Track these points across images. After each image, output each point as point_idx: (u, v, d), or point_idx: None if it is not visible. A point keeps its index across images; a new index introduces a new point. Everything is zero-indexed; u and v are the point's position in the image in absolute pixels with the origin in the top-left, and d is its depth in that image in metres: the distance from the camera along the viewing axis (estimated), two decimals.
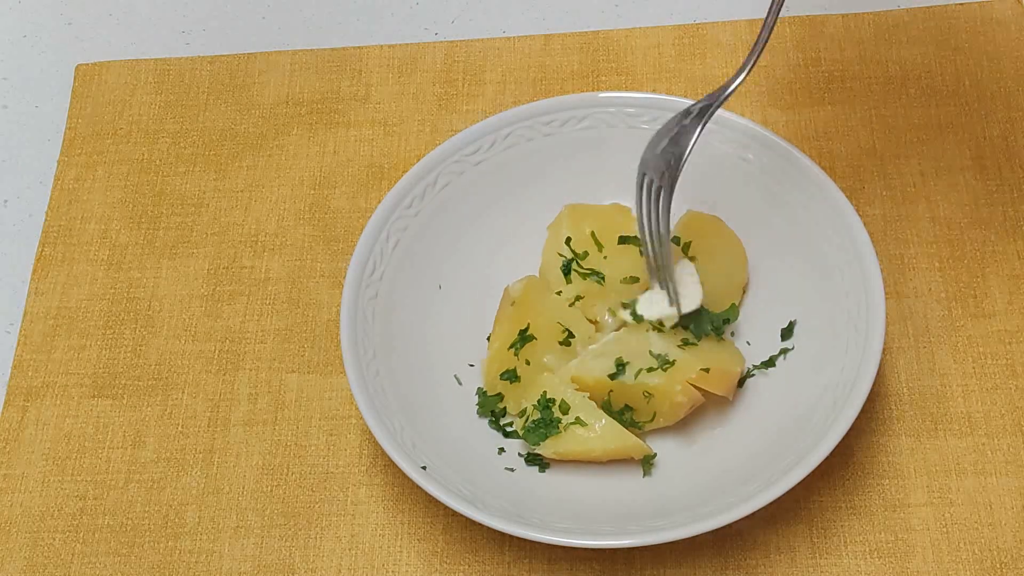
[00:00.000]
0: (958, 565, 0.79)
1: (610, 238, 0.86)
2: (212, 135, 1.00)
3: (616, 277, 0.85)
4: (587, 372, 0.81)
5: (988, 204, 0.91)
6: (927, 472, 0.82)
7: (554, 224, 0.88)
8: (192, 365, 0.90)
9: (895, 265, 0.89)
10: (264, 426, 0.87)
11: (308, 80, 1.02)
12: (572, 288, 0.85)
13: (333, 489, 0.84)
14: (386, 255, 0.86)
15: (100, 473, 0.86)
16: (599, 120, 0.90)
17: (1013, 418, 0.83)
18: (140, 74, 1.03)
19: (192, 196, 0.97)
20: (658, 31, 1.01)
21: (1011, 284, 0.88)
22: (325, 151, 0.98)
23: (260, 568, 0.82)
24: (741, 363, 0.83)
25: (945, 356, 0.85)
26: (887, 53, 0.98)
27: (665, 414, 0.81)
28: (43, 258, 0.95)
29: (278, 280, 0.93)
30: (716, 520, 0.74)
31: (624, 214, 0.87)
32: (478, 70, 1.01)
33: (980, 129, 0.94)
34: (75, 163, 0.99)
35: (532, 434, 0.80)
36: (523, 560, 0.81)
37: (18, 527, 0.84)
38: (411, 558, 0.81)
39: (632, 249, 0.86)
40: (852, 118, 0.95)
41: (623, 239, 0.86)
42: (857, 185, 0.92)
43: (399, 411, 0.81)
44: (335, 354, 0.89)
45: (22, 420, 0.88)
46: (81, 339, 0.91)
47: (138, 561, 0.83)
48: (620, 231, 0.86)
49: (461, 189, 0.89)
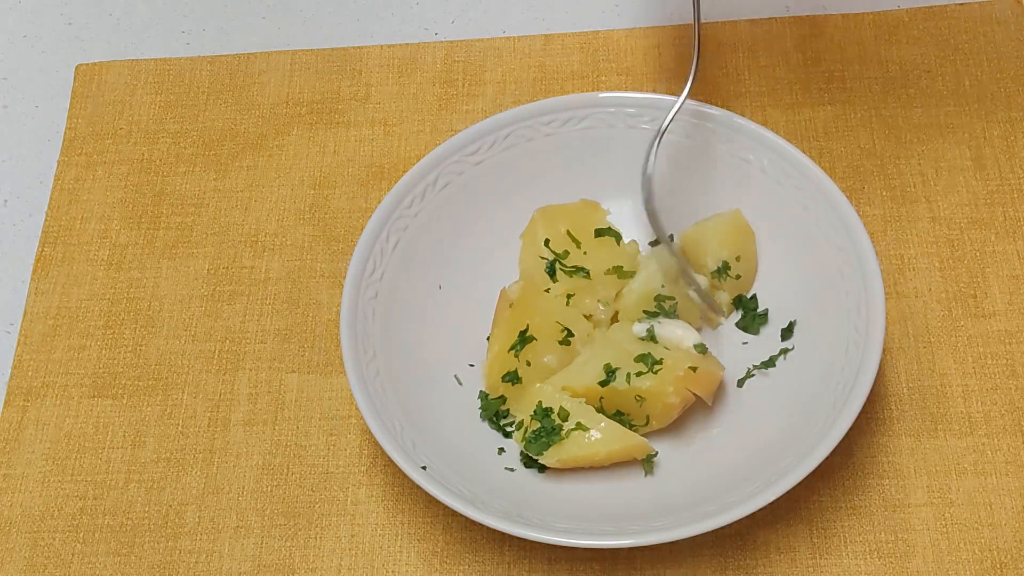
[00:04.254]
0: (958, 565, 0.79)
1: (586, 233, 0.87)
2: (212, 135, 1.00)
3: (600, 270, 0.86)
4: (577, 381, 0.82)
5: (988, 204, 0.91)
6: (927, 472, 0.82)
7: (527, 231, 0.88)
8: (192, 365, 0.90)
9: (895, 265, 0.89)
10: (264, 426, 0.87)
11: (308, 80, 1.02)
12: (560, 287, 0.85)
13: (333, 489, 0.84)
14: (386, 255, 0.86)
15: (100, 473, 0.86)
16: (599, 120, 0.90)
17: (1013, 418, 0.83)
18: (140, 74, 1.03)
19: (192, 196, 0.97)
20: (658, 31, 1.01)
21: (1011, 284, 0.88)
22: (325, 151, 0.98)
23: (260, 568, 0.82)
24: (722, 369, 0.83)
25: (945, 356, 0.85)
26: (887, 53, 0.98)
27: (658, 416, 0.81)
28: (43, 258, 0.95)
29: (278, 280, 0.93)
30: (716, 520, 0.74)
31: (594, 208, 0.88)
32: (478, 70, 1.01)
33: (980, 129, 0.94)
34: (75, 163, 0.99)
35: (534, 444, 0.80)
36: (523, 560, 0.81)
37: (18, 527, 0.84)
38: (411, 558, 0.81)
39: (609, 240, 0.87)
40: (852, 118, 0.95)
41: (599, 232, 0.87)
42: (857, 185, 0.92)
43: (399, 411, 0.81)
44: (335, 354, 0.89)
45: (22, 420, 0.88)
46: (81, 339, 0.91)
47: (138, 561, 0.83)
48: (594, 225, 0.87)
49: (461, 189, 0.89)
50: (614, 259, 0.86)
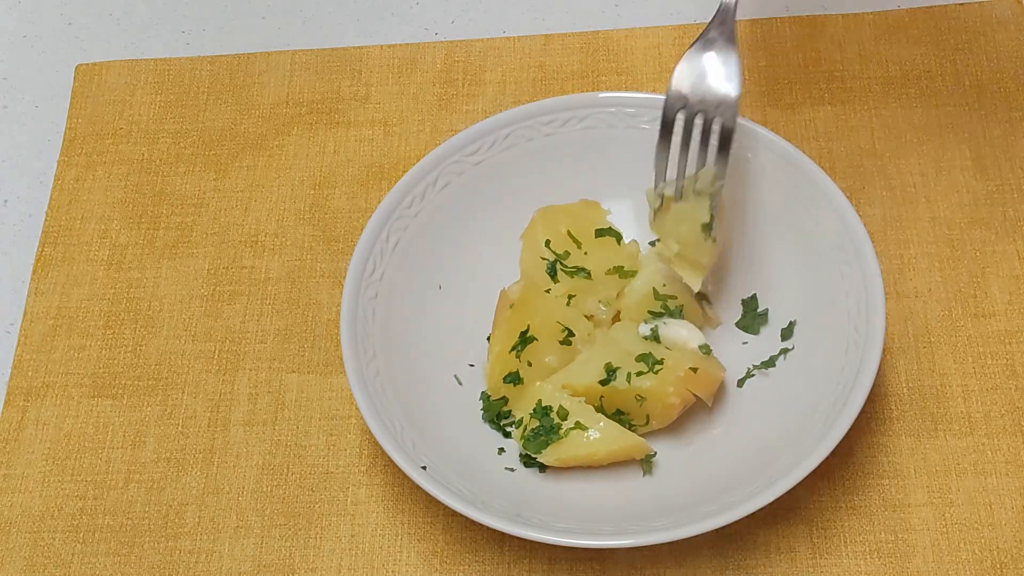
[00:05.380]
0: (958, 565, 0.79)
1: (586, 234, 0.87)
2: (212, 135, 1.00)
3: (600, 270, 0.86)
4: (577, 379, 0.82)
5: (988, 204, 0.91)
6: (927, 472, 0.81)
7: (528, 231, 0.88)
8: (192, 365, 0.90)
9: (895, 265, 0.89)
10: (264, 426, 0.87)
11: (308, 80, 1.02)
12: (561, 287, 0.85)
13: (333, 489, 0.84)
14: (386, 255, 0.86)
15: (100, 473, 0.86)
16: (599, 120, 0.90)
17: (1013, 418, 0.83)
18: (140, 74, 1.03)
19: (192, 196, 0.97)
20: (658, 31, 1.01)
21: (1011, 284, 0.88)
22: (325, 151, 0.98)
23: (260, 568, 0.82)
24: (723, 371, 0.83)
25: (945, 356, 0.85)
26: (887, 53, 0.98)
27: (658, 416, 0.81)
28: (43, 258, 0.95)
29: (278, 280, 0.93)
30: (716, 520, 0.74)
31: (594, 208, 0.88)
32: (478, 70, 1.01)
33: (980, 129, 0.94)
34: (75, 163, 0.99)
35: (533, 443, 0.80)
36: (523, 560, 0.81)
37: (18, 527, 0.84)
38: (411, 558, 0.81)
39: (610, 240, 0.87)
40: (852, 118, 0.95)
41: (599, 232, 0.87)
42: (857, 185, 0.92)
43: (399, 411, 0.81)
44: (335, 354, 0.89)
45: (22, 420, 0.88)
46: (81, 339, 0.91)
47: (138, 561, 0.83)
48: (594, 225, 0.87)
49: (461, 189, 0.89)
50: (615, 259, 0.86)
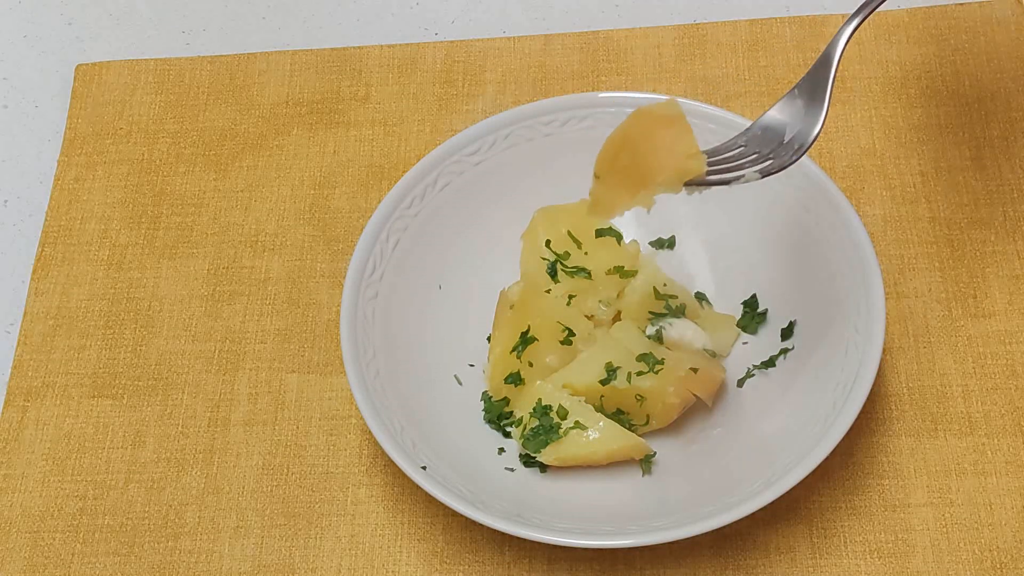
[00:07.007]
0: (958, 565, 0.79)
1: (587, 234, 0.86)
2: (212, 135, 1.00)
3: (601, 270, 0.86)
4: (578, 379, 0.81)
5: (988, 204, 0.91)
6: (927, 472, 0.81)
7: (528, 232, 0.88)
8: (192, 365, 0.90)
9: (895, 265, 0.89)
10: (264, 426, 0.87)
11: (308, 80, 1.02)
12: (561, 287, 0.85)
13: (333, 489, 0.84)
14: (386, 255, 0.86)
15: (100, 473, 0.86)
16: (599, 120, 0.90)
17: (1013, 418, 0.83)
18: (140, 74, 1.03)
19: (192, 196, 0.97)
20: (658, 31, 1.01)
21: (1011, 284, 0.88)
22: (325, 151, 0.98)
23: (260, 568, 0.82)
24: (724, 371, 0.83)
25: (945, 356, 0.85)
26: (887, 53, 0.98)
27: (658, 416, 0.81)
28: (43, 258, 0.95)
29: (278, 280, 0.93)
30: (716, 520, 0.74)
31: None
32: (478, 70, 1.01)
33: (980, 129, 0.94)
34: (75, 163, 0.99)
35: (532, 442, 0.80)
36: (523, 560, 0.81)
37: (18, 527, 0.84)
38: (411, 558, 0.81)
39: (610, 240, 0.86)
40: (852, 118, 0.95)
41: (600, 232, 0.86)
42: (857, 185, 0.92)
43: (399, 411, 0.81)
44: (335, 354, 0.89)
45: (22, 420, 0.88)
46: (81, 339, 0.91)
47: (138, 561, 0.83)
48: (594, 225, 0.87)
49: (461, 189, 0.89)
50: (615, 259, 0.86)
